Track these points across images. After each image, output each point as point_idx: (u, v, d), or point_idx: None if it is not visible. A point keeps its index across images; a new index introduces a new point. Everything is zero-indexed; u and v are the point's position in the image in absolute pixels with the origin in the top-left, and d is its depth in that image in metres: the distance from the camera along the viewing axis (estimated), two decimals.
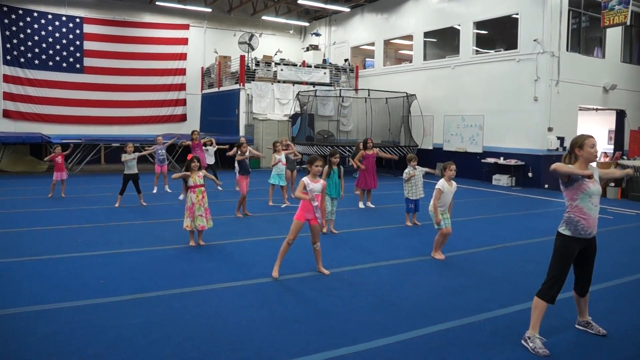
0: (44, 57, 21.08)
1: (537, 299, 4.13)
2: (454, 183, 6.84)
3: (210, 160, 13.14)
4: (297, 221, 5.86)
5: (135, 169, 10.63)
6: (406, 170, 9.23)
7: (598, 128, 20.23)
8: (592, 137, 4.12)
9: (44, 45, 21.06)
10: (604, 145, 20.43)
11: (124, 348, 3.92)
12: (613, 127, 18.79)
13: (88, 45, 21.85)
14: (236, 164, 12.65)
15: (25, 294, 5.08)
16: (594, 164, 4.23)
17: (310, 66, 22.40)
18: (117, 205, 10.52)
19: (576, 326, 4.49)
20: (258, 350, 3.94)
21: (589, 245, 4.14)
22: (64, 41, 21.41)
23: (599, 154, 18.35)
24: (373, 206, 11.11)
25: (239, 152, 10.14)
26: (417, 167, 9.23)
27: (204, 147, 13.09)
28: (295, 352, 3.91)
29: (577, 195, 4.03)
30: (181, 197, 11.13)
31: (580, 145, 4.06)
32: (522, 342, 4.10)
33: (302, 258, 6.50)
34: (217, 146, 13.69)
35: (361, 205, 10.92)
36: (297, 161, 12.09)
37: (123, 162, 10.50)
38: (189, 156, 7.70)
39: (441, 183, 6.73)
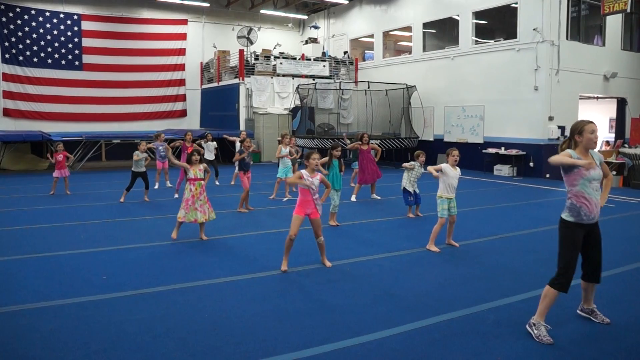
0: (42, 54, 21.06)
1: (548, 287, 4.05)
2: (457, 169, 6.87)
3: (210, 156, 13.09)
4: (296, 216, 5.83)
5: (144, 167, 10.60)
6: (413, 163, 9.15)
7: (599, 116, 20.16)
8: (592, 122, 4.06)
9: (42, 42, 21.03)
10: (605, 133, 20.37)
11: (128, 343, 3.92)
12: (614, 115, 18.73)
13: (86, 42, 21.81)
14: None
15: (29, 291, 5.09)
16: (596, 150, 4.18)
17: (309, 59, 22.34)
18: (122, 200, 10.53)
19: (578, 312, 4.48)
20: (261, 343, 3.94)
21: (592, 231, 4.09)
22: (63, 38, 21.37)
23: (600, 143, 18.40)
24: (379, 197, 11.10)
25: (243, 148, 10.01)
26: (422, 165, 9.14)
27: (204, 143, 13.07)
28: (298, 345, 3.91)
29: (576, 181, 3.99)
30: (176, 195, 11.11)
31: (579, 132, 4.01)
32: (527, 327, 4.10)
33: (304, 251, 6.51)
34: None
35: (353, 198, 10.84)
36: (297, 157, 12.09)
37: (135, 160, 10.48)
38: (189, 150, 7.69)
39: (446, 165, 6.77)
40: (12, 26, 20.47)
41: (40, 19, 20.96)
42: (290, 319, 4.42)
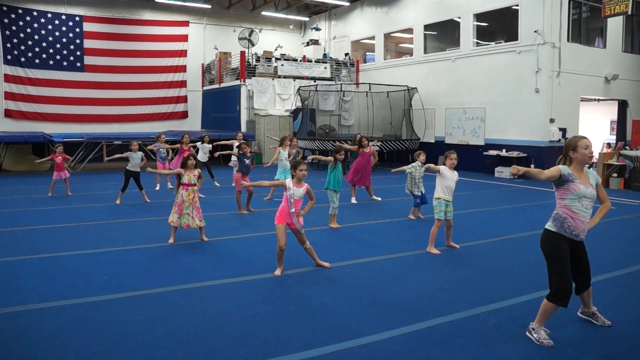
0: (44, 56, 21.09)
1: (546, 301, 4.00)
2: (455, 172, 6.88)
3: (203, 157, 13.06)
4: (278, 225, 5.76)
5: (138, 167, 10.69)
6: (413, 164, 9.19)
7: (600, 118, 20.18)
8: (585, 138, 3.99)
9: (44, 44, 21.06)
10: (606, 135, 20.37)
11: (129, 344, 3.93)
12: (615, 117, 18.73)
13: (88, 43, 21.85)
14: (233, 159, 12.69)
15: (30, 292, 5.10)
16: (592, 170, 4.14)
17: (310, 61, 22.37)
18: (118, 202, 10.55)
19: (579, 314, 4.47)
20: (262, 344, 3.95)
21: (577, 248, 4.02)
22: (64, 40, 21.41)
23: (601, 145, 18.38)
24: (379, 199, 11.11)
25: (241, 152, 10.01)
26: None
27: (200, 144, 13.09)
28: (299, 346, 3.92)
29: (565, 196, 3.94)
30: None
31: (573, 148, 3.95)
32: (527, 333, 4.10)
33: (304, 253, 6.50)
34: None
35: (353, 200, 10.85)
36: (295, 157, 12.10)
37: (127, 157, 10.57)
38: (186, 153, 7.73)
39: (444, 168, 6.80)
40: (14, 27, 20.51)
41: (42, 20, 21.00)
42: (291, 321, 4.43)
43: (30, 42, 20.82)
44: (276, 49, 23.15)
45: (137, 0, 22.62)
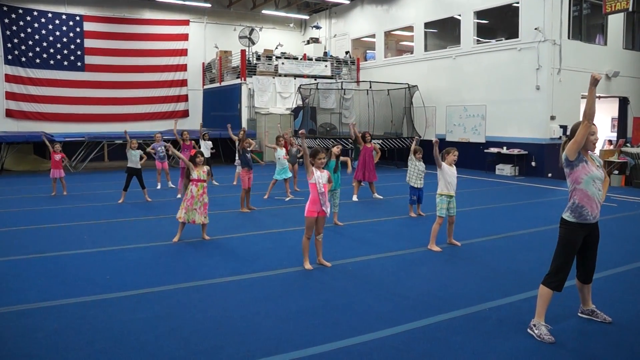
0: (45, 55, 21.09)
1: (542, 287, 4.11)
2: (454, 167, 6.92)
3: (205, 154, 13.04)
4: (308, 218, 5.86)
5: (139, 164, 10.72)
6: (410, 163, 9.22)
7: (601, 116, 20.12)
8: (593, 124, 4.06)
9: (44, 44, 21.06)
10: (607, 132, 20.35)
11: (131, 342, 3.94)
12: (616, 114, 18.71)
13: (88, 43, 21.83)
14: (237, 158, 12.72)
15: (33, 291, 5.11)
16: (596, 153, 4.20)
17: (311, 59, 22.35)
18: (121, 201, 10.57)
19: (579, 314, 4.48)
20: (264, 342, 3.96)
21: (593, 231, 4.12)
22: (65, 39, 21.40)
23: (602, 142, 18.38)
24: (381, 197, 11.12)
25: (241, 148, 10.07)
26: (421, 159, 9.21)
27: (201, 141, 13.11)
28: (300, 344, 3.93)
29: (581, 178, 3.98)
30: (179, 195, 11.19)
31: None
32: (528, 330, 4.11)
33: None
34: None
35: (355, 198, 10.85)
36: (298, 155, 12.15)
37: (128, 155, 10.61)
38: (192, 152, 7.74)
39: (444, 165, 6.86)
40: (14, 27, 20.50)
41: (43, 20, 20.99)
42: (292, 318, 4.44)
43: (30, 42, 20.80)
44: (277, 48, 23.14)
45: None
